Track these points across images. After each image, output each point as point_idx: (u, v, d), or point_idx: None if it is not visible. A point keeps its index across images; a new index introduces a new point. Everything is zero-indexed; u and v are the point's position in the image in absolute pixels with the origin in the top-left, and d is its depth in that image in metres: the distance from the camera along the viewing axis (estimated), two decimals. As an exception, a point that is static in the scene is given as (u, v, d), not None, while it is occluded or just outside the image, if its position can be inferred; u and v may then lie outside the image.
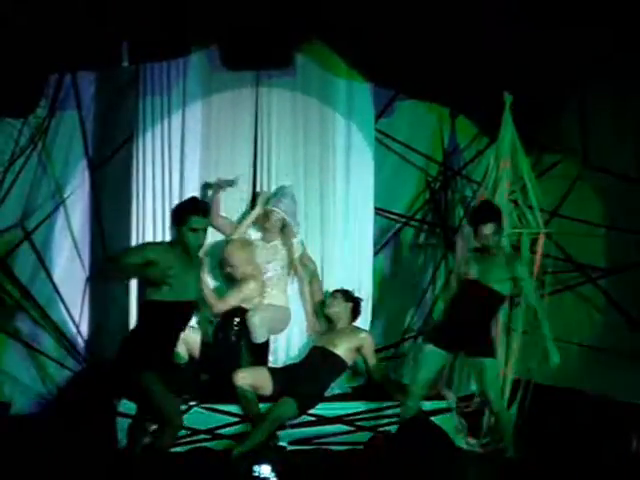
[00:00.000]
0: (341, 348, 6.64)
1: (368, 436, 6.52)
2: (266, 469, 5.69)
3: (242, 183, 7.16)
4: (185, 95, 7.04)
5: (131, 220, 7.00)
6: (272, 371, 6.57)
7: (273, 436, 6.24)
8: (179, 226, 5.31)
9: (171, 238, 5.57)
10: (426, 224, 8.02)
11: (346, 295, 6.91)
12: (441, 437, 5.77)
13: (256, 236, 7.12)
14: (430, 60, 6.93)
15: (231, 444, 6.19)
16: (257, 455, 5.85)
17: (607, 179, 7.14)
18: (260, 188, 7.20)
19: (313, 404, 6.45)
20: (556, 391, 6.91)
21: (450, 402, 6.72)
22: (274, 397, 6.39)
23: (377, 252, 7.70)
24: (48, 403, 7.13)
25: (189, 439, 6.23)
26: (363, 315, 7.07)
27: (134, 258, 5.25)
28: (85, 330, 7.48)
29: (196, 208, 5.35)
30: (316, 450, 6.39)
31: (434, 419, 6.34)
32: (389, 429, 6.45)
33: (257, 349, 6.73)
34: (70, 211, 7.44)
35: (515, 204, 6.85)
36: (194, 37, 6.78)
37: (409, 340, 7.81)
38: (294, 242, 7.07)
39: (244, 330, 6.72)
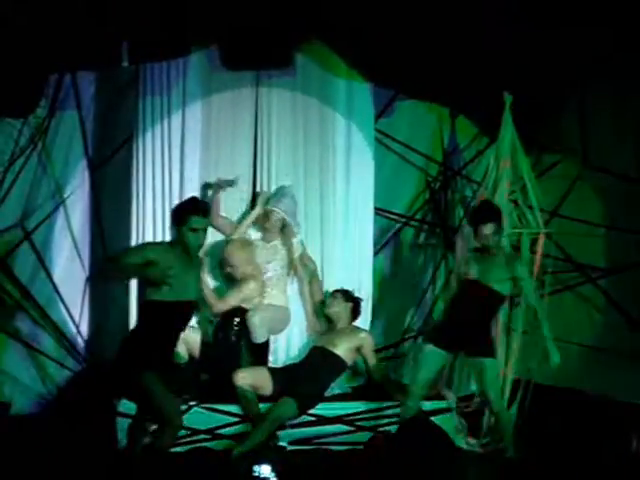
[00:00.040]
0: (341, 348, 6.64)
1: (368, 436, 6.52)
2: (266, 469, 5.69)
3: (242, 183, 7.16)
4: (185, 95, 7.04)
5: (131, 220, 7.00)
6: (272, 371, 6.57)
7: (273, 436, 6.24)
8: (179, 226, 5.31)
9: (171, 238, 5.58)
10: (426, 224, 8.01)
11: (346, 295, 6.91)
12: (441, 437, 5.77)
13: (256, 236, 7.12)
14: (430, 60, 6.93)
15: (231, 444, 6.19)
16: (257, 455, 5.85)
17: (607, 179, 7.14)
18: (260, 188, 7.20)
19: (313, 404, 6.45)
20: (556, 391, 6.90)
21: (450, 402, 6.72)
22: (274, 397, 6.39)
23: (377, 252, 7.70)
24: (48, 403, 7.13)
25: (189, 439, 6.23)
26: (363, 315, 7.07)
27: (134, 258, 5.26)
28: (85, 330, 7.48)
29: (196, 208, 5.35)
30: (316, 450, 6.39)
31: (434, 419, 6.34)
32: (389, 429, 6.45)
33: (257, 349, 6.73)
34: (70, 211, 7.44)
35: (515, 204, 6.85)
36: (194, 37, 6.78)
37: (409, 340, 7.81)
38: (294, 242, 7.06)
39: (244, 330, 6.72)
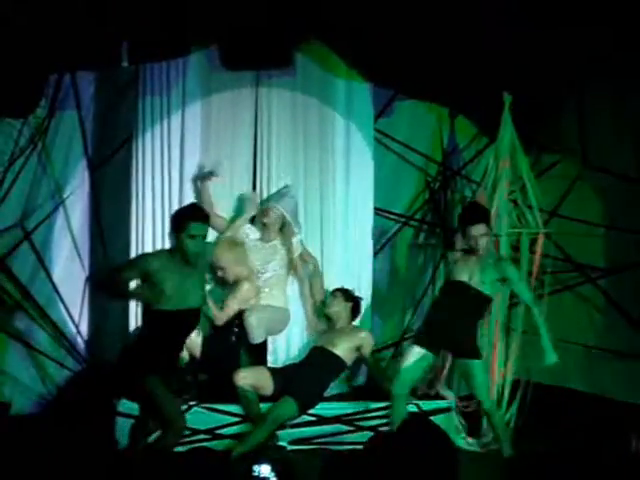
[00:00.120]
0: (341, 348, 6.63)
1: (368, 436, 6.51)
2: (266, 469, 5.68)
3: (242, 183, 7.16)
4: (185, 95, 7.04)
5: (131, 220, 7.01)
6: (272, 371, 6.57)
7: (273, 436, 6.24)
8: (178, 233, 5.27)
9: (170, 246, 5.55)
10: (426, 224, 8.00)
11: (346, 294, 6.91)
12: (441, 437, 5.76)
13: (255, 236, 7.11)
14: (430, 60, 6.93)
15: (231, 444, 6.19)
16: (257, 455, 5.84)
17: (607, 179, 7.12)
18: (260, 188, 7.19)
19: (313, 404, 6.46)
20: (556, 391, 6.91)
21: (450, 402, 6.73)
22: (274, 397, 6.39)
23: (377, 252, 7.69)
24: (48, 403, 7.13)
25: (189, 439, 6.21)
26: (363, 315, 7.07)
27: (132, 271, 5.24)
28: (85, 330, 7.46)
29: (195, 214, 5.31)
30: (316, 450, 6.40)
31: (434, 419, 6.34)
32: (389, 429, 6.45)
33: (255, 350, 6.73)
34: (70, 211, 7.42)
35: (514, 204, 6.85)
36: (194, 37, 6.78)
37: (409, 340, 7.80)
38: (293, 241, 7.04)
39: (242, 330, 6.72)
